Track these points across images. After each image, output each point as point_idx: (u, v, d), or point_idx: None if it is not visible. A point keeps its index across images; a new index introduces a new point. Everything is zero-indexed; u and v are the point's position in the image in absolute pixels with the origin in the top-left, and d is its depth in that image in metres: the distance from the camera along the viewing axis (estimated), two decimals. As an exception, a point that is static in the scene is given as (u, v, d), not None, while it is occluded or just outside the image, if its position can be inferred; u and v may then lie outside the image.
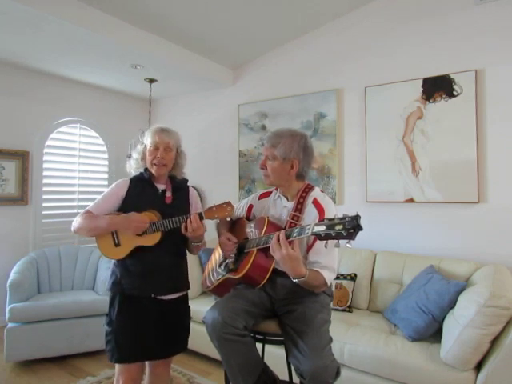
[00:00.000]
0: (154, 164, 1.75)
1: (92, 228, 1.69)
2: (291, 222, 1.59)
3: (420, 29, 2.97)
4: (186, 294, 1.87)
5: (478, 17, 2.74)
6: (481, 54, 2.73)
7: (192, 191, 1.92)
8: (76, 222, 1.70)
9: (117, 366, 1.72)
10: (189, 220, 1.64)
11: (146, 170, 1.81)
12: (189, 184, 1.93)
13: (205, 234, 1.78)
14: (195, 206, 1.89)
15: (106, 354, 1.71)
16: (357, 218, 1.22)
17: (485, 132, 2.71)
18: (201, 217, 1.68)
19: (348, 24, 3.33)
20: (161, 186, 1.81)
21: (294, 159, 1.63)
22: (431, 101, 2.89)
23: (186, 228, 1.64)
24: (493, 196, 2.68)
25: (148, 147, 1.78)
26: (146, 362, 1.82)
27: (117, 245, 1.70)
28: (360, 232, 1.23)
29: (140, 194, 1.76)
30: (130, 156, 3.93)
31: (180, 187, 1.87)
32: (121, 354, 1.67)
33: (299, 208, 1.62)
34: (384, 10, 3.14)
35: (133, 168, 1.86)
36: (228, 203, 1.70)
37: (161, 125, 1.87)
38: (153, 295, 1.71)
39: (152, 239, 1.68)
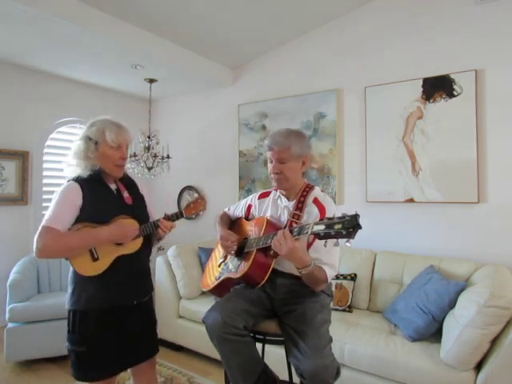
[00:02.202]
0: (117, 165, 1.62)
1: (75, 247, 1.49)
2: (292, 221, 1.60)
3: (420, 29, 2.97)
4: None
5: (478, 17, 2.74)
6: (481, 54, 2.73)
7: (139, 184, 1.83)
8: (44, 245, 1.43)
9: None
10: (163, 221, 1.64)
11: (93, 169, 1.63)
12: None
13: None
14: (147, 199, 1.83)
15: (77, 375, 1.56)
16: (356, 216, 1.22)
17: (485, 132, 2.71)
18: (181, 215, 1.71)
19: (348, 24, 3.33)
20: (112, 186, 1.68)
21: (306, 156, 1.68)
22: (431, 101, 2.89)
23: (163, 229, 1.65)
24: (493, 196, 2.68)
25: (109, 146, 1.59)
26: (130, 371, 1.73)
27: (95, 259, 1.53)
28: (360, 232, 1.24)
29: (99, 199, 1.58)
30: (133, 155, 3.86)
31: (131, 184, 1.77)
32: (103, 371, 1.57)
33: (300, 207, 1.62)
34: (384, 10, 3.14)
35: (81, 169, 1.59)
36: (201, 198, 1.78)
37: (112, 118, 1.67)
38: (135, 302, 1.65)
39: (134, 245, 1.61)
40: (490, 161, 2.69)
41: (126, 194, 1.70)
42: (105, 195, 1.62)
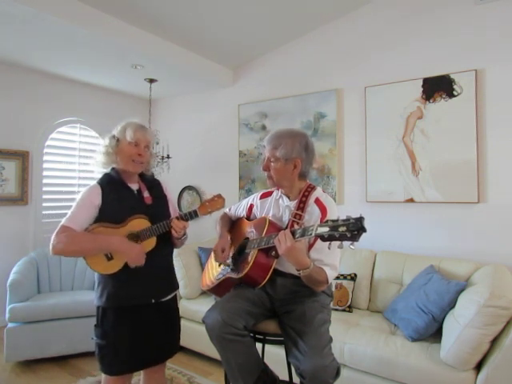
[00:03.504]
0: (133, 161, 1.67)
1: (87, 250, 1.56)
2: (293, 221, 1.60)
3: (420, 29, 2.97)
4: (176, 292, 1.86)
5: (478, 17, 2.74)
6: (481, 54, 2.73)
7: (163, 185, 1.87)
8: (59, 243, 1.51)
9: (108, 377, 1.65)
10: (175, 221, 1.63)
11: (113, 169, 1.71)
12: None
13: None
14: (170, 199, 1.86)
15: (100, 367, 1.63)
16: (361, 219, 1.22)
17: (485, 132, 2.71)
18: (196, 214, 1.68)
19: (348, 24, 3.33)
20: (134, 186, 1.73)
21: (296, 159, 1.63)
22: (431, 101, 2.89)
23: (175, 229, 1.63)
24: (493, 196, 2.68)
25: (127, 142, 1.68)
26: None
27: (110, 258, 1.59)
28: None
29: (117, 199, 1.64)
30: None
31: (154, 184, 1.81)
32: (122, 367, 1.62)
33: (301, 207, 1.62)
34: (384, 10, 3.14)
35: (101, 163, 1.71)
36: (219, 196, 1.75)
37: (136, 120, 1.77)
38: (153, 300, 1.67)
39: (148, 245, 1.63)
40: (490, 161, 2.69)
41: (146, 194, 1.74)
42: (124, 195, 1.67)
